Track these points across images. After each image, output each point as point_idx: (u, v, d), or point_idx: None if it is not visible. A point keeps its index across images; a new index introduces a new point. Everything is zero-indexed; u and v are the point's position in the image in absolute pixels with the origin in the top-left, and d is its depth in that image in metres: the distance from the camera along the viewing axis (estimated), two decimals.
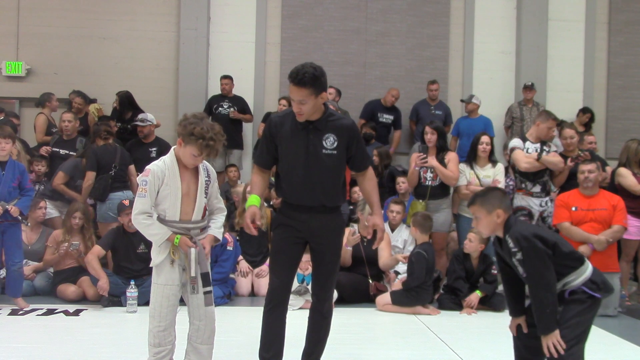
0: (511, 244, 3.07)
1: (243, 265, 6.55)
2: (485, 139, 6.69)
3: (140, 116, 7.61)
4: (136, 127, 7.54)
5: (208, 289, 3.48)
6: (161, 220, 3.45)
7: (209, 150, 3.34)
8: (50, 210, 6.86)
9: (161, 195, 3.41)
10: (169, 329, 3.44)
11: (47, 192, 6.99)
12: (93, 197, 6.81)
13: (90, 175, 6.75)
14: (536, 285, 3.01)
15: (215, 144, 3.34)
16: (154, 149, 7.39)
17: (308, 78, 3.33)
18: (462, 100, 9.00)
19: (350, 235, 5.97)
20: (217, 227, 3.59)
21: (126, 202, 5.98)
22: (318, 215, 3.52)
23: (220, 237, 3.61)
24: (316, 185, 3.49)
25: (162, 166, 3.42)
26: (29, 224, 6.08)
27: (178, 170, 3.43)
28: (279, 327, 3.58)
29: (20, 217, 5.66)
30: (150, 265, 3.51)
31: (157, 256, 3.46)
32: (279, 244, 3.60)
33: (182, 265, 3.47)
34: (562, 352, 2.93)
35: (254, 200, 3.44)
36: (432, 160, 6.44)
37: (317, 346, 3.70)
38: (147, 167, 3.46)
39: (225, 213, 3.71)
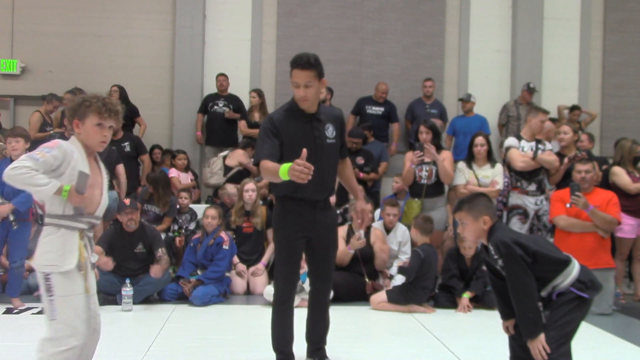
0: (492, 251, 3.09)
1: (239, 267, 6.56)
2: (479, 140, 6.63)
3: None
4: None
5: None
6: (62, 214, 2.91)
7: (109, 110, 2.92)
8: None
9: (67, 180, 2.87)
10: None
11: None
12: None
13: None
14: (516, 291, 3.02)
15: (111, 103, 2.94)
16: (127, 143, 7.60)
17: (313, 60, 3.45)
18: (460, 99, 8.98)
19: (356, 240, 5.98)
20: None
21: (127, 201, 5.96)
22: (321, 210, 3.65)
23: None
24: (323, 177, 3.55)
25: (73, 147, 2.93)
26: (15, 226, 5.53)
27: (86, 158, 2.96)
28: (291, 322, 3.73)
29: (11, 217, 5.46)
30: (33, 264, 3.09)
31: (65, 259, 2.93)
32: (286, 243, 3.66)
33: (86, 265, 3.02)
34: (545, 356, 2.94)
35: (286, 165, 3.18)
36: (435, 154, 6.32)
37: (325, 335, 3.86)
38: (56, 139, 2.96)
39: None
